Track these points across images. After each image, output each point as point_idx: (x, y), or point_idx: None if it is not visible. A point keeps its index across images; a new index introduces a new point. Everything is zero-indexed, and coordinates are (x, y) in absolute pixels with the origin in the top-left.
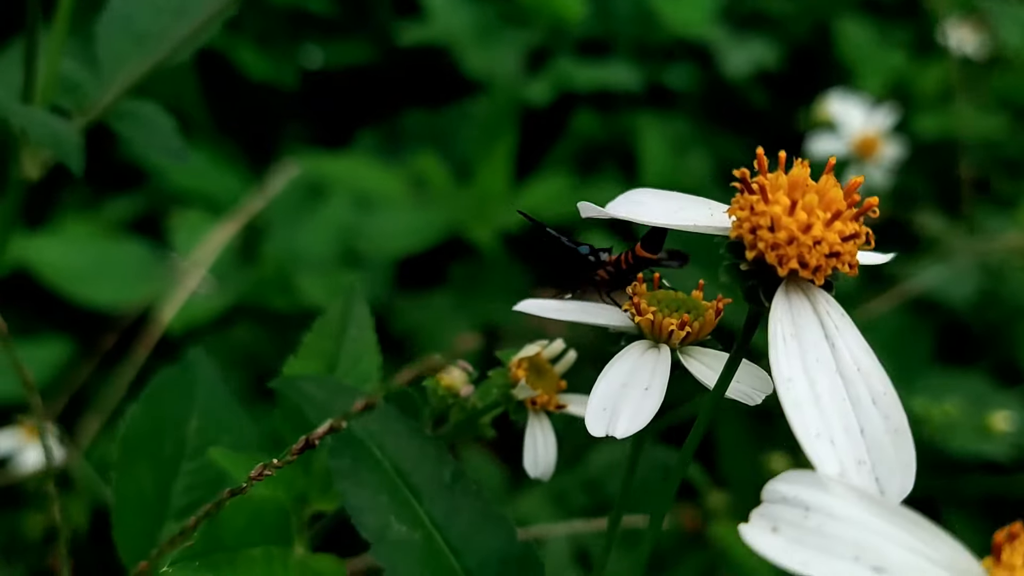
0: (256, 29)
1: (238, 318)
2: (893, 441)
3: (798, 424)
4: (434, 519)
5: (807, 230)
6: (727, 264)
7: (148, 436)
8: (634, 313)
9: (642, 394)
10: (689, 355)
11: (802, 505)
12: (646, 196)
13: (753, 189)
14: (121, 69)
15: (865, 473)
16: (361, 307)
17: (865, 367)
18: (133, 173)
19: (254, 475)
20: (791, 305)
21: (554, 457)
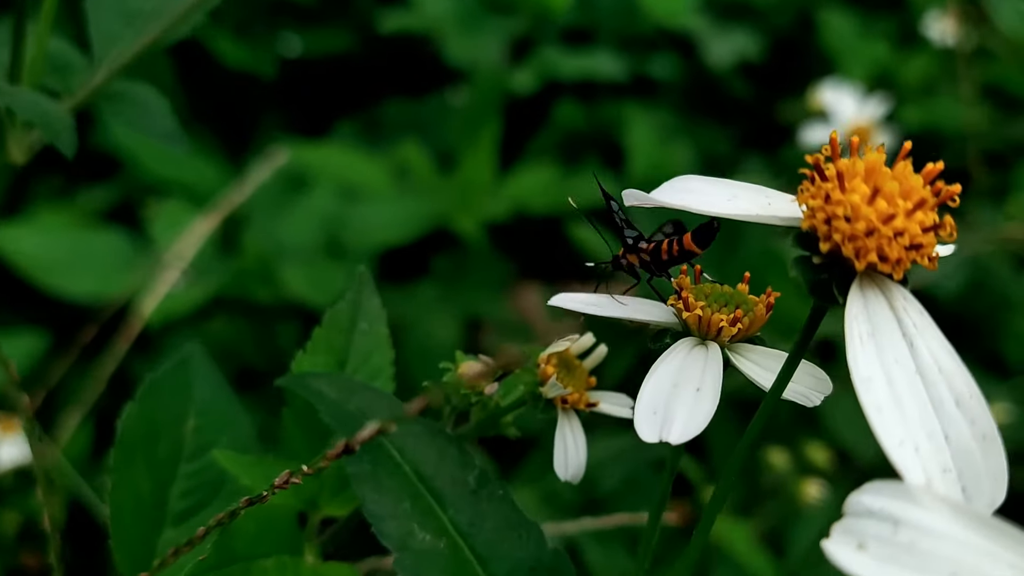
0: (234, 17)
1: (218, 311)
2: (981, 448)
3: (880, 429)
4: (459, 526)
5: (888, 220)
6: (796, 257)
7: (144, 438)
8: (681, 309)
9: (695, 395)
10: (739, 353)
11: (890, 519)
12: (695, 183)
13: (827, 176)
14: (112, 49)
15: (951, 482)
16: (372, 299)
17: (947, 368)
18: (108, 162)
19: (279, 483)
20: (867, 302)
21: (584, 458)
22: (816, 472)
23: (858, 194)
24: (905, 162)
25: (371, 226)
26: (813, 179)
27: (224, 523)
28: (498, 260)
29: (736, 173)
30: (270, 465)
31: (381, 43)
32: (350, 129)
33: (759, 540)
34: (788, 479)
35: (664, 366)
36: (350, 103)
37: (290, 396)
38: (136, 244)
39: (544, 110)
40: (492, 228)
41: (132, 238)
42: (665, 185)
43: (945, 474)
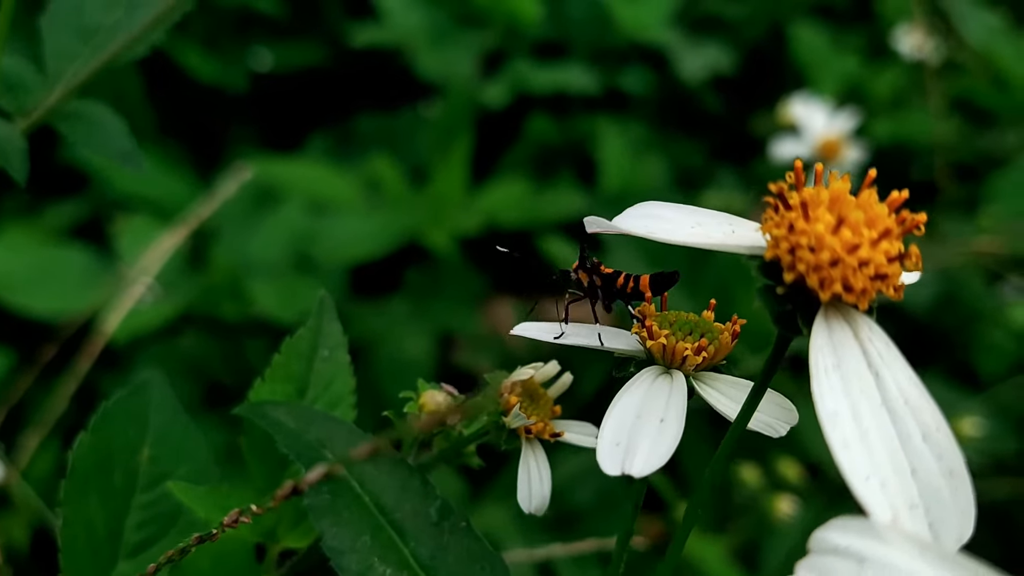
0: (202, 30)
1: (186, 327)
2: (948, 484)
3: (846, 465)
4: (420, 560)
5: (853, 251)
6: (760, 287)
7: (97, 468)
8: (645, 337)
9: (658, 427)
10: (704, 382)
11: (855, 556)
12: (660, 209)
13: (790, 205)
14: (68, 66)
15: (918, 518)
16: (332, 324)
17: (913, 401)
18: (75, 177)
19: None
20: (831, 332)
21: (549, 490)
22: (788, 488)
23: (822, 223)
24: (870, 190)
25: (341, 241)
26: (777, 208)
27: (175, 560)
28: (471, 275)
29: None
30: (225, 496)
31: (353, 57)
32: (322, 143)
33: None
34: (760, 495)
35: (627, 396)
36: (322, 117)
37: (248, 425)
38: (102, 260)
39: (517, 124)
40: (464, 242)
41: (98, 254)
42: (629, 211)
43: (912, 510)
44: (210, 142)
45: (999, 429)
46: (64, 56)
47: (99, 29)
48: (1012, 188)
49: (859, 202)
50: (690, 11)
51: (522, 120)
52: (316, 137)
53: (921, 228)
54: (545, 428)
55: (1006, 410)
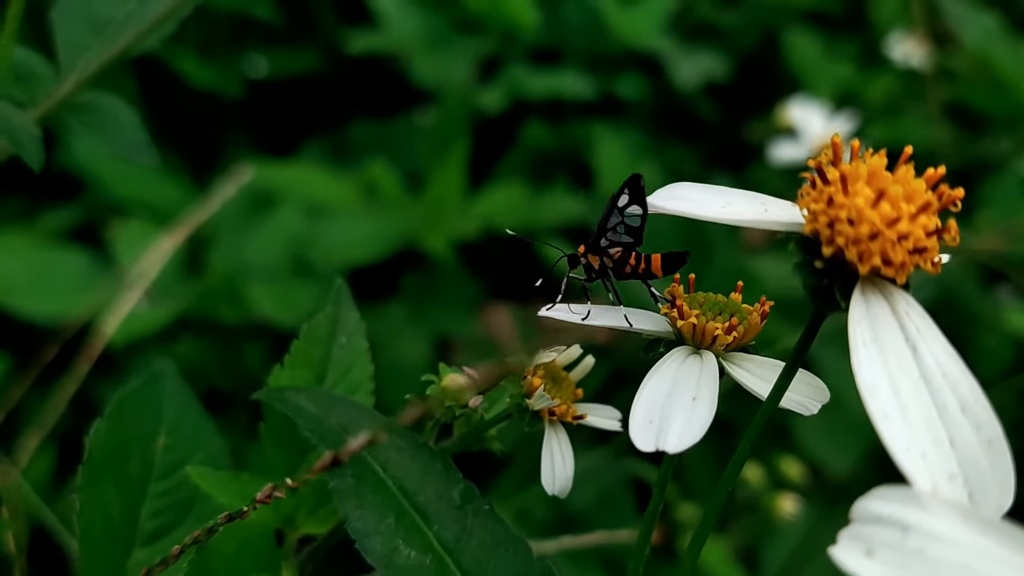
0: (198, 37)
1: (184, 332)
2: (987, 453)
3: (888, 436)
4: (444, 542)
5: (893, 224)
6: (798, 261)
7: (113, 456)
8: (675, 317)
9: (691, 405)
10: (733, 362)
11: (899, 525)
12: (688, 190)
13: (828, 180)
14: (80, 58)
15: (958, 487)
16: (350, 311)
17: (951, 373)
18: (71, 182)
19: (261, 497)
20: (869, 307)
21: (572, 472)
22: (790, 487)
23: (862, 197)
24: (907, 166)
25: (338, 244)
26: (814, 183)
27: (201, 541)
28: (467, 279)
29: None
30: (246, 482)
31: (348, 63)
32: (317, 149)
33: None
34: (762, 494)
35: (659, 375)
36: (317, 123)
37: (267, 411)
38: (99, 264)
39: (513, 129)
40: (461, 247)
41: (95, 258)
42: (660, 191)
43: (952, 480)
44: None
45: None
46: (75, 48)
47: (110, 22)
48: (1006, 192)
49: (897, 177)
50: (684, 19)
51: (518, 126)
52: (312, 144)
53: (958, 204)
54: (568, 410)
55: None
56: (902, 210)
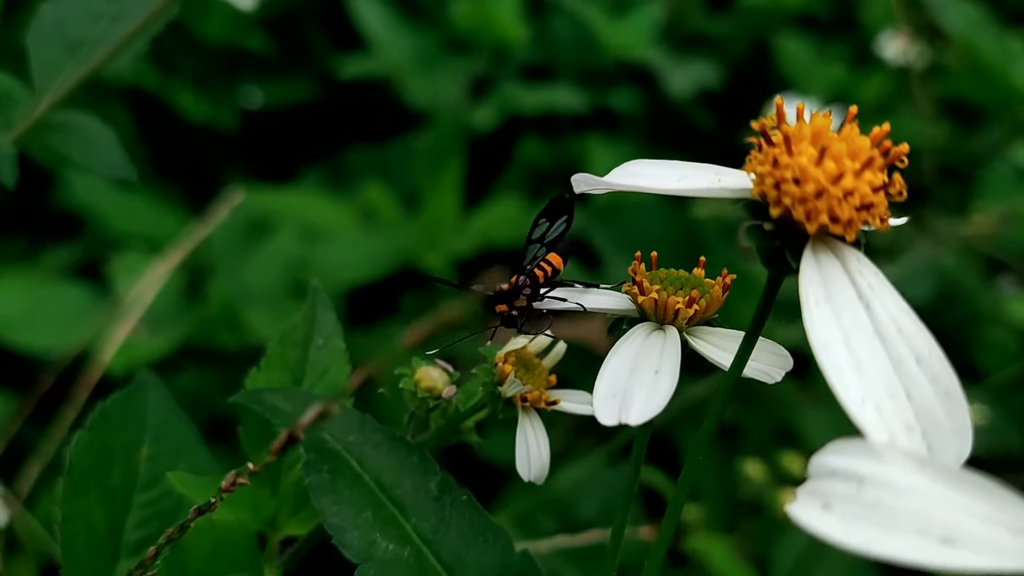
0: (192, 70)
1: (186, 362)
2: (943, 405)
3: (841, 390)
4: (422, 534)
5: (837, 181)
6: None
7: (96, 466)
8: (636, 294)
9: (653, 378)
10: (697, 336)
11: (855, 477)
12: (644, 167)
13: (773, 141)
14: (55, 79)
15: (916, 440)
16: (326, 313)
17: (905, 328)
18: (70, 221)
19: (225, 486)
20: (820, 266)
21: (547, 457)
22: (793, 482)
23: (806, 156)
24: (851, 125)
25: (336, 265)
26: (760, 146)
27: (174, 539)
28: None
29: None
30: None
31: (341, 90)
32: (315, 177)
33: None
34: (765, 490)
35: (621, 352)
36: (314, 151)
37: (244, 414)
38: (98, 297)
39: (508, 146)
40: (459, 264)
41: (94, 292)
42: (616, 170)
43: (910, 432)
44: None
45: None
46: (50, 69)
47: (83, 42)
48: (999, 180)
49: (841, 136)
50: (675, 29)
51: (513, 143)
52: (309, 172)
53: (904, 160)
54: (541, 396)
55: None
56: (846, 167)
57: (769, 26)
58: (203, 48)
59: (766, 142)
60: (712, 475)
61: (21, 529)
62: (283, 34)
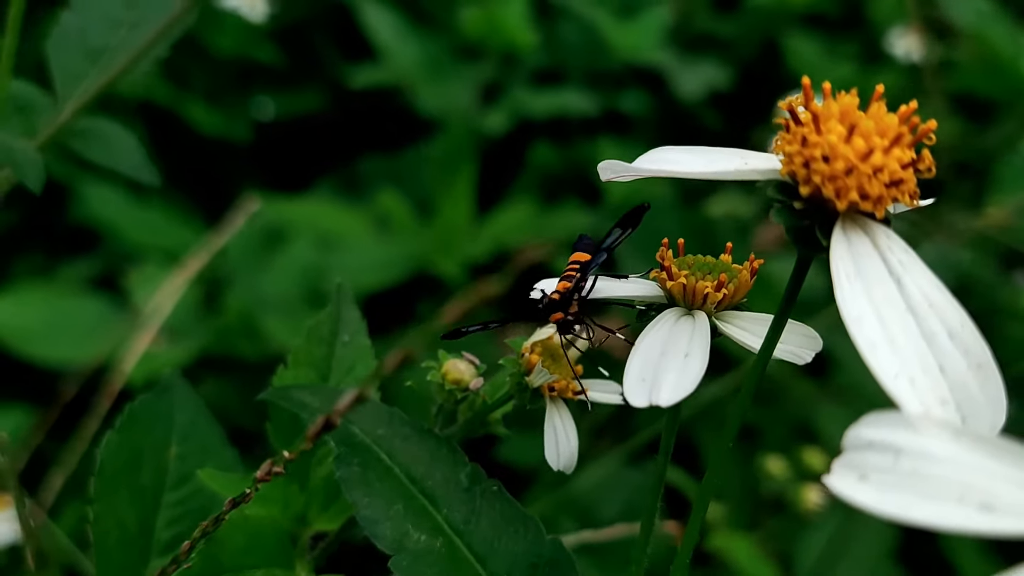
0: (205, 84)
1: (204, 373)
2: (976, 376)
3: (875, 365)
4: (454, 525)
5: (866, 157)
6: (778, 206)
7: (126, 466)
8: (665, 279)
9: (683, 361)
10: (726, 320)
11: (891, 449)
12: (672, 153)
13: (802, 120)
14: (76, 86)
15: (950, 412)
16: (351, 310)
17: (937, 302)
18: (86, 235)
19: (261, 475)
20: (851, 243)
21: (576, 447)
22: (815, 478)
23: (835, 134)
24: (879, 103)
25: (351, 271)
26: (788, 127)
27: (209, 532)
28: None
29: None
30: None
31: (354, 99)
32: (329, 187)
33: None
34: (788, 486)
35: (651, 336)
36: (327, 161)
37: (273, 411)
38: (116, 309)
39: (520, 151)
40: (474, 269)
41: (112, 304)
42: (643, 156)
43: (944, 405)
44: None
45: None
46: (72, 77)
47: (104, 49)
48: (1014, 174)
49: (869, 114)
50: (684, 31)
51: (524, 148)
52: (324, 182)
53: (932, 137)
54: (568, 386)
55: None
56: (875, 143)
57: (777, 26)
58: (215, 61)
59: (794, 121)
60: (734, 473)
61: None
62: (294, 45)
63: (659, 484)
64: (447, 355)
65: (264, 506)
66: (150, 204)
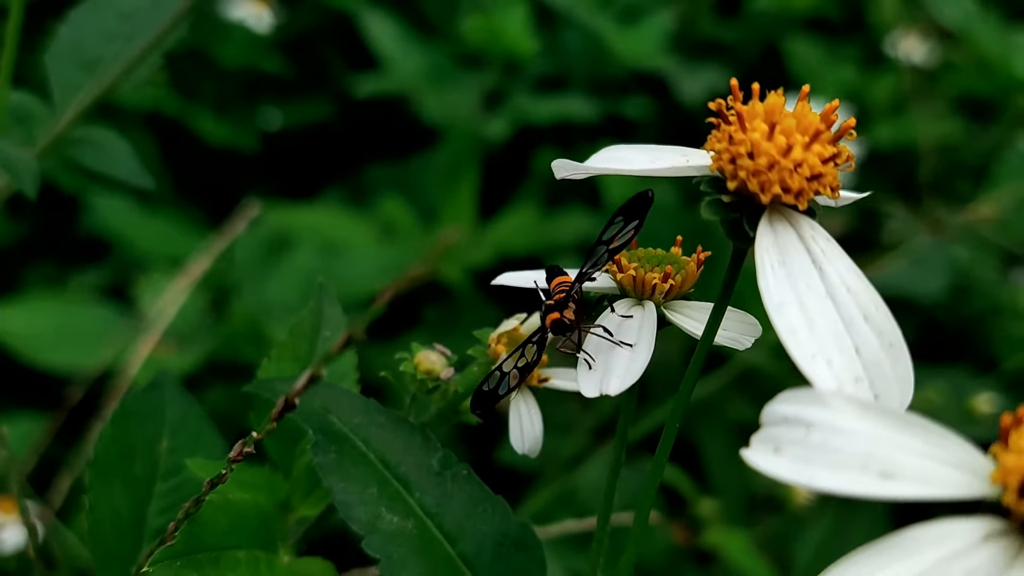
0: (213, 95)
1: (212, 379)
2: (888, 355)
3: (793, 348)
4: (426, 507)
5: (787, 153)
6: (709, 200)
7: (119, 458)
8: (615, 271)
9: (631, 352)
10: (674, 310)
11: (803, 423)
12: (622, 151)
13: (730, 120)
14: (74, 96)
15: (864, 390)
16: (333, 307)
17: (855, 288)
18: (96, 245)
19: (233, 455)
20: (776, 234)
21: (540, 432)
22: None
23: (758, 132)
24: (803, 102)
25: (355, 277)
26: (719, 126)
27: (191, 512)
28: (485, 306)
29: None
30: (240, 468)
31: (360, 108)
32: (336, 196)
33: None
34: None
35: (603, 326)
36: (334, 170)
37: (257, 402)
38: (123, 315)
39: (523, 158)
40: (478, 275)
41: (120, 311)
42: (595, 155)
43: (858, 383)
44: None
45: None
46: (69, 87)
47: (100, 61)
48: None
49: (793, 112)
50: (687, 37)
51: (528, 154)
52: (331, 191)
53: (853, 133)
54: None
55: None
56: (796, 140)
57: (779, 30)
58: (222, 72)
59: (723, 121)
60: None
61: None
62: (300, 56)
63: (615, 468)
64: (420, 346)
65: (250, 492)
66: (159, 214)
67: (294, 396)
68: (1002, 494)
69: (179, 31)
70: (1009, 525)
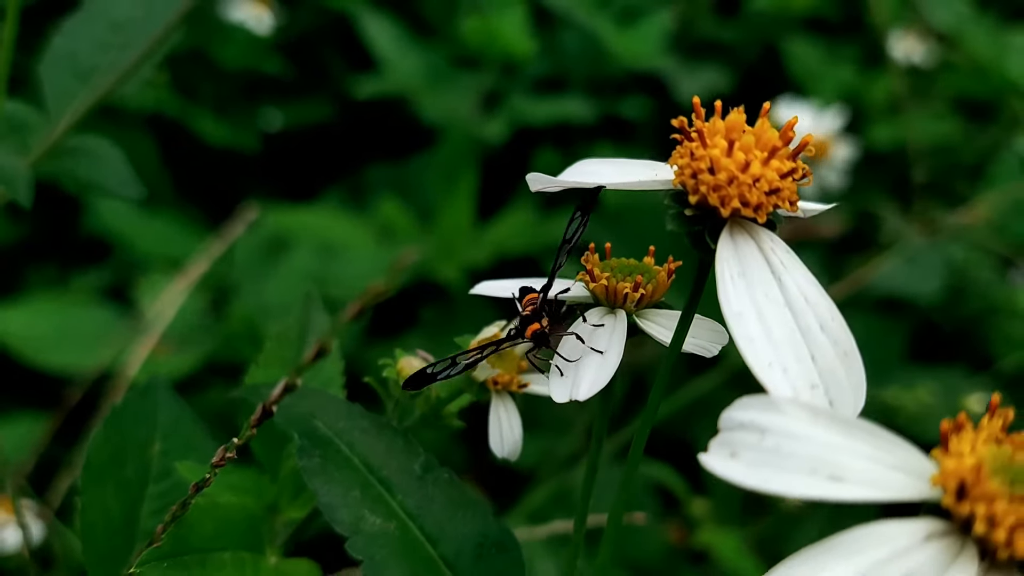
0: (213, 96)
1: (212, 379)
2: (843, 363)
3: (750, 356)
4: (407, 510)
5: (746, 169)
6: (672, 213)
7: (112, 460)
8: (588, 281)
9: (601, 359)
10: (645, 318)
11: (758, 428)
12: (594, 165)
13: (692, 137)
14: (68, 105)
15: (819, 396)
16: (319, 314)
17: (812, 298)
18: (98, 247)
19: (215, 460)
20: (736, 246)
21: (520, 436)
22: None
23: (718, 148)
24: (763, 120)
25: (352, 277)
26: (681, 142)
27: (178, 515)
28: (483, 307)
29: None
30: (229, 471)
31: (359, 110)
32: (336, 196)
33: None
34: None
35: (574, 336)
36: (334, 171)
37: (246, 406)
38: (123, 316)
39: (521, 158)
40: (475, 275)
41: (120, 312)
42: (569, 168)
43: (813, 389)
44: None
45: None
46: (63, 97)
47: (94, 70)
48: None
49: (753, 129)
50: (685, 37)
51: (526, 155)
52: (330, 192)
53: (811, 149)
54: (512, 380)
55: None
56: (754, 156)
57: (778, 30)
58: (222, 74)
59: (686, 137)
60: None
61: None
62: (300, 57)
63: (591, 471)
64: (403, 352)
65: (238, 495)
66: (159, 215)
67: (271, 404)
68: (942, 496)
69: (172, 40)
70: (950, 526)
